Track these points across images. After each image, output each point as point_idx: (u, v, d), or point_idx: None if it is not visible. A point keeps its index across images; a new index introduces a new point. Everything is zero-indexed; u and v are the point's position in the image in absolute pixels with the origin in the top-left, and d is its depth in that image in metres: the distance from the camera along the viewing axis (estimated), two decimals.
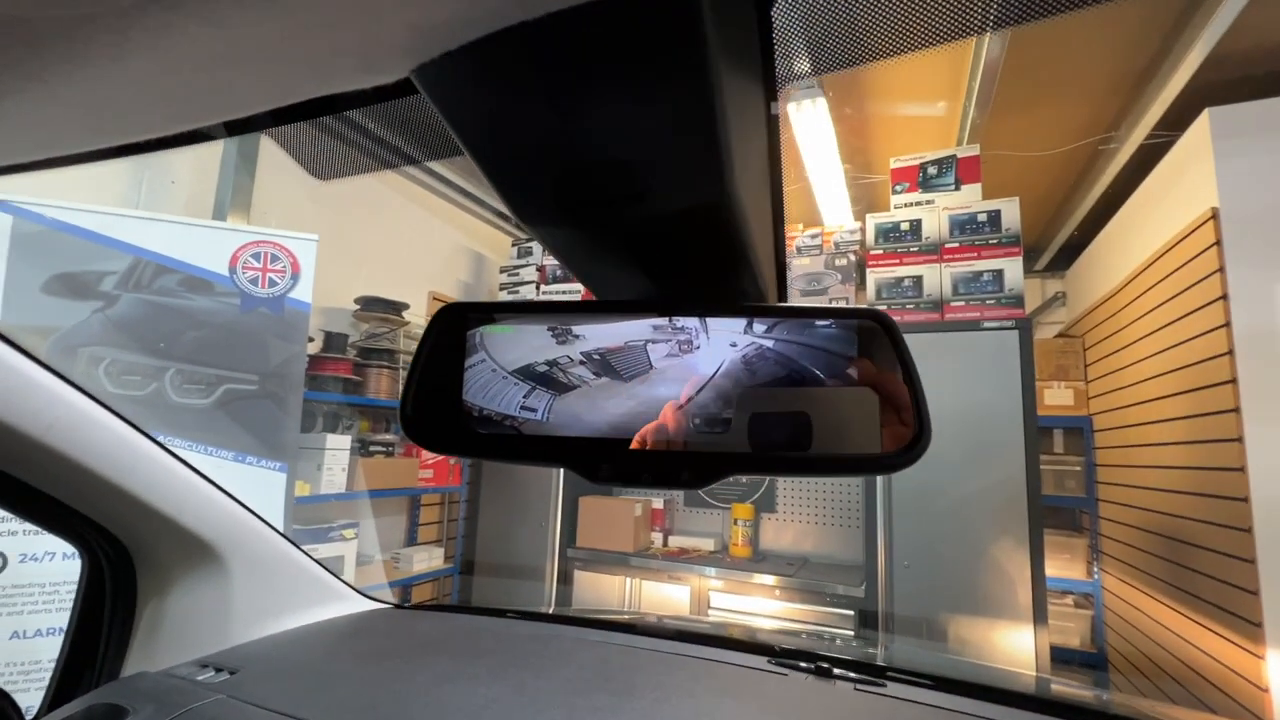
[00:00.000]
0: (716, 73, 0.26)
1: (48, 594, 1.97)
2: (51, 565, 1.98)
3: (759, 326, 0.36)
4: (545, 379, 0.37)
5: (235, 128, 0.40)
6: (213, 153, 2.57)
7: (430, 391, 0.38)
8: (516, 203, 0.34)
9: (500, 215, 4.32)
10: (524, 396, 0.37)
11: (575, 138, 0.30)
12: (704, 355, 0.36)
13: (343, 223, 3.16)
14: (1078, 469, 3.72)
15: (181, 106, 0.34)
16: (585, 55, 0.26)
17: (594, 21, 0.25)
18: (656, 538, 3.27)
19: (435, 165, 3.62)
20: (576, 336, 0.37)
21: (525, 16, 0.25)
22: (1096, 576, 3.56)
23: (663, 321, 0.37)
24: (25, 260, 1.98)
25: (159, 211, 2.32)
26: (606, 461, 0.36)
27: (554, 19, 0.25)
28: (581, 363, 0.37)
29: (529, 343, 0.38)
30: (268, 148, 2.71)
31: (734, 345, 0.36)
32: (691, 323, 0.36)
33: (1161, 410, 2.81)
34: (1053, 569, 3.54)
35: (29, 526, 1.94)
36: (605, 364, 0.37)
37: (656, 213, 0.32)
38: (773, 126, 0.33)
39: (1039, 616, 2.24)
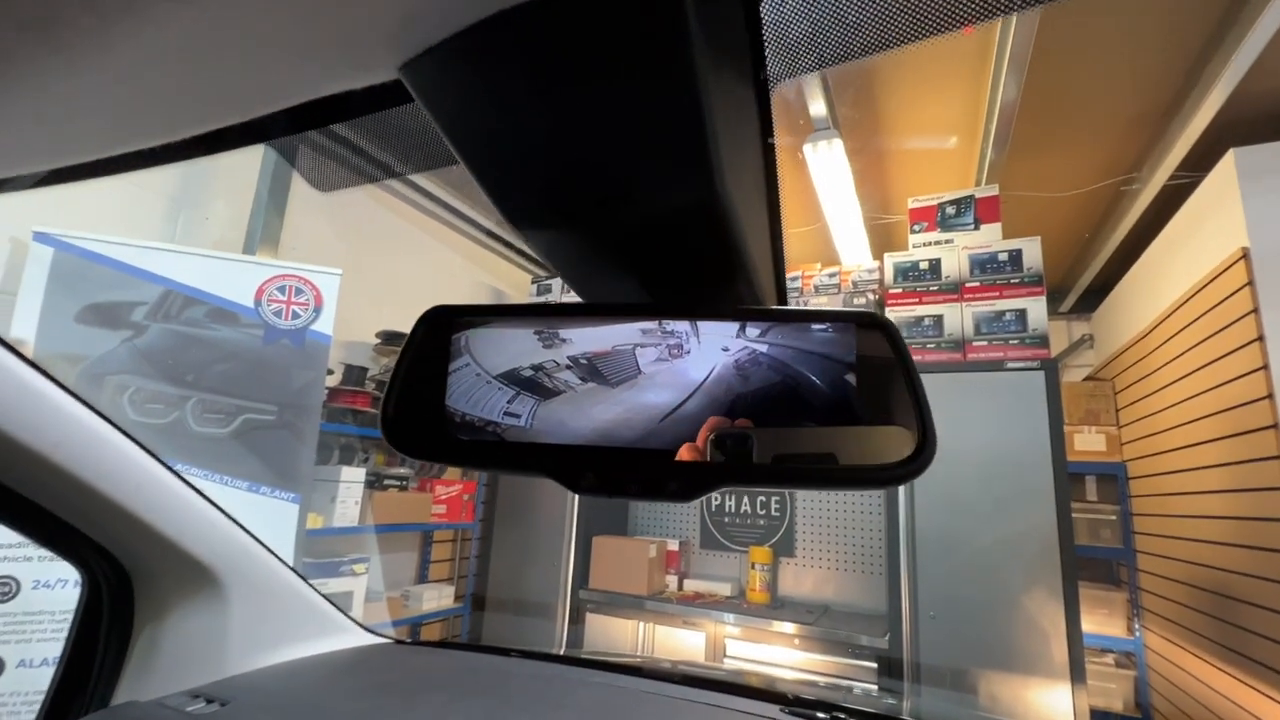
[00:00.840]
0: (702, 67, 0.26)
1: (58, 622, 1.97)
2: (63, 593, 1.98)
3: (752, 330, 0.34)
4: (530, 384, 0.36)
5: (231, 138, 0.40)
6: (246, 189, 2.67)
7: (413, 395, 0.37)
8: (506, 204, 0.33)
9: (520, 253, 4.40)
10: (508, 402, 0.36)
11: (562, 135, 0.29)
12: (694, 360, 0.34)
13: (367, 259, 3.24)
14: (1113, 518, 3.56)
15: (171, 111, 0.34)
16: (566, 47, 0.26)
17: (573, 12, 0.24)
18: (671, 580, 3.18)
19: (458, 204, 3.72)
20: (563, 340, 0.36)
21: (504, 5, 0.24)
22: (1138, 634, 3.36)
23: (652, 325, 0.35)
24: (62, 291, 2.06)
25: (194, 246, 2.40)
26: (590, 470, 0.34)
27: (533, 8, 0.24)
28: (568, 367, 0.36)
29: (515, 347, 0.36)
30: (298, 186, 2.81)
31: (726, 350, 0.34)
32: (682, 326, 0.35)
33: (1200, 457, 2.69)
34: (1090, 625, 3.35)
35: (44, 553, 1.95)
36: (592, 369, 0.35)
37: (646, 213, 0.31)
38: (766, 125, 0.33)
39: (1076, 675, 2.10)
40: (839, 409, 0.32)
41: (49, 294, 2.04)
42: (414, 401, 0.37)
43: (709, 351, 0.34)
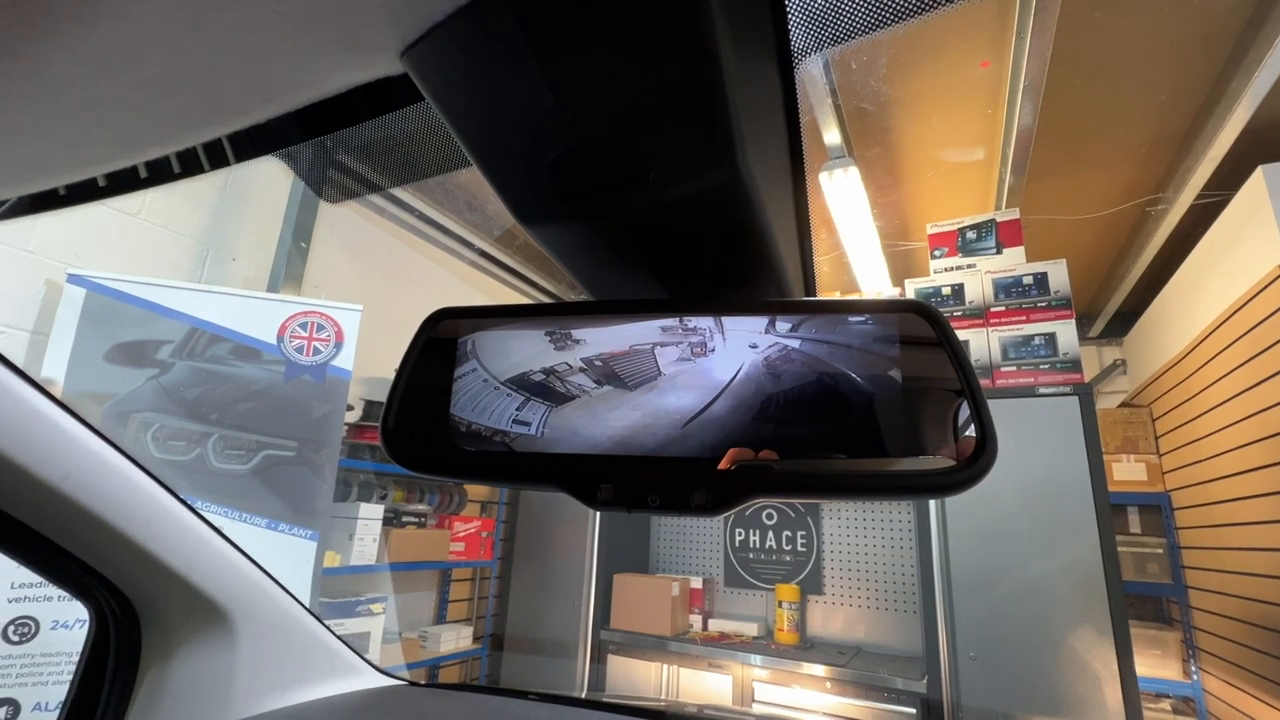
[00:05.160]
0: (721, 34, 0.24)
1: (74, 663, 1.94)
2: (81, 633, 1.96)
3: (782, 325, 0.31)
4: (541, 389, 0.33)
5: (241, 147, 0.39)
6: (271, 230, 2.73)
7: (416, 404, 0.35)
8: (514, 197, 0.31)
9: (543, 293, 4.43)
10: (517, 409, 0.33)
11: (572, 115, 0.27)
12: (720, 359, 0.32)
13: (389, 295, 3.29)
14: (1159, 551, 3.38)
15: (174, 117, 0.33)
16: (575, 18, 0.24)
17: None
18: (695, 620, 3.07)
19: (483, 244, 3.77)
20: (577, 341, 0.34)
21: None
22: (1195, 677, 3.15)
23: (673, 322, 0.33)
24: (92, 330, 2.10)
25: (220, 286, 2.45)
26: (607, 483, 0.31)
27: None
28: (581, 370, 0.33)
29: (524, 349, 0.34)
30: (322, 225, 2.88)
31: (754, 347, 0.31)
32: (705, 323, 0.32)
33: (1250, 485, 2.56)
34: (1143, 667, 3.14)
35: (64, 592, 1.95)
36: (608, 371, 0.33)
37: (662, 200, 0.29)
38: (790, 102, 0.30)
39: None
40: (883, 409, 0.29)
41: (80, 334, 2.08)
42: (417, 410, 0.34)
43: (735, 349, 0.32)
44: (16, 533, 0.71)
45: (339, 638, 1.10)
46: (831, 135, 2.46)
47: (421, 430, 0.34)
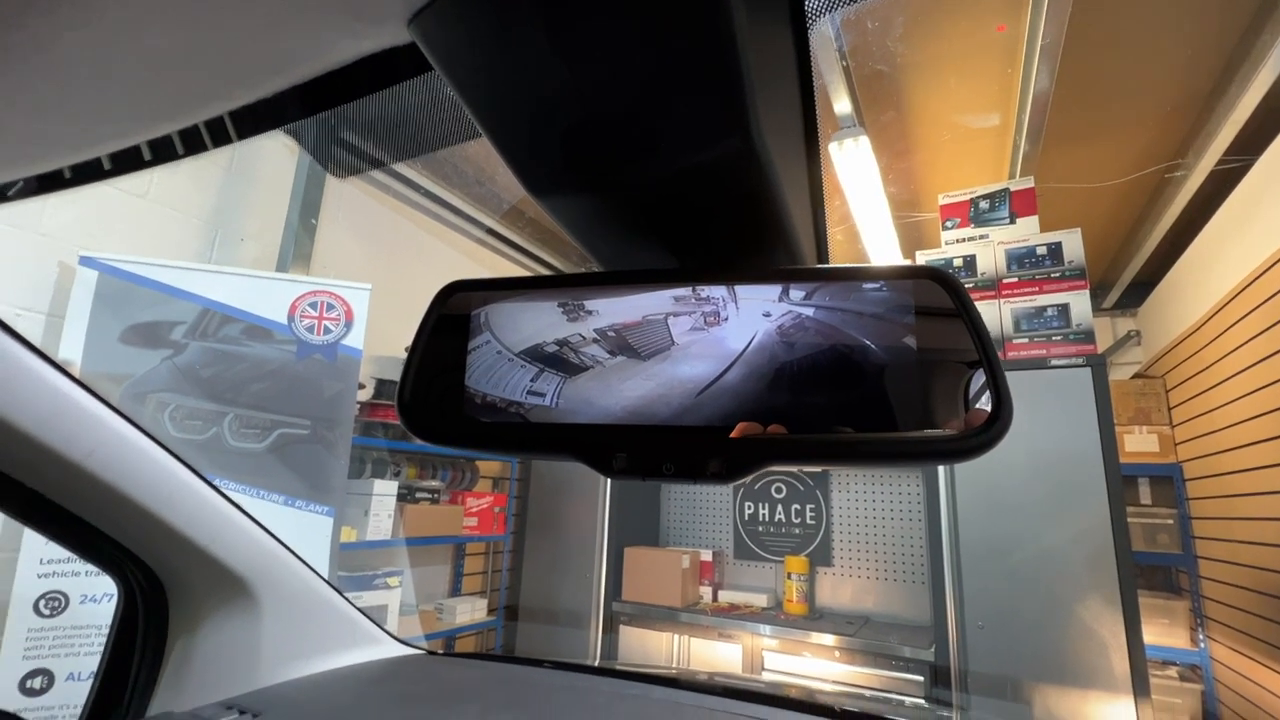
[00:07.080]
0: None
1: (104, 636, 2.01)
2: (109, 606, 2.02)
3: (796, 293, 0.31)
4: (554, 360, 0.34)
5: (245, 123, 0.39)
6: (278, 209, 2.73)
7: (431, 377, 0.35)
8: (525, 168, 0.31)
9: (551, 269, 4.42)
10: (531, 380, 0.34)
11: (582, 84, 0.27)
12: (733, 328, 0.32)
13: (396, 273, 3.29)
14: (1170, 522, 3.38)
15: (175, 92, 0.33)
16: None
17: None
18: (705, 592, 3.12)
19: (490, 221, 3.75)
20: (590, 312, 0.34)
21: None
22: (1203, 645, 3.17)
23: (686, 292, 0.33)
24: (106, 312, 2.12)
25: (230, 266, 2.46)
26: (622, 451, 0.31)
27: None
28: (595, 341, 0.33)
29: (538, 321, 0.34)
30: (328, 204, 2.87)
31: (768, 315, 0.31)
32: (718, 292, 0.32)
33: (1262, 455, 2.54)
34: (1150, 635, 3.17)
35: (91, 568, 2.00)
36: (621, 341, 0.33)
37: (674, 169, 0.29)
38: (804, 68, 0.30)
39: (1139, 688, 1.98)
40: (897, 376, 0.29)
41: (94, 316, 2.11)
42: (432, 383, 0.35)
43: (749, 318, 0.32)
44: (46, 510, 0.72)
45: (359, 609, 1.12)
46: (842, 104, 2.41)
47: (437, 403, 0.35)
